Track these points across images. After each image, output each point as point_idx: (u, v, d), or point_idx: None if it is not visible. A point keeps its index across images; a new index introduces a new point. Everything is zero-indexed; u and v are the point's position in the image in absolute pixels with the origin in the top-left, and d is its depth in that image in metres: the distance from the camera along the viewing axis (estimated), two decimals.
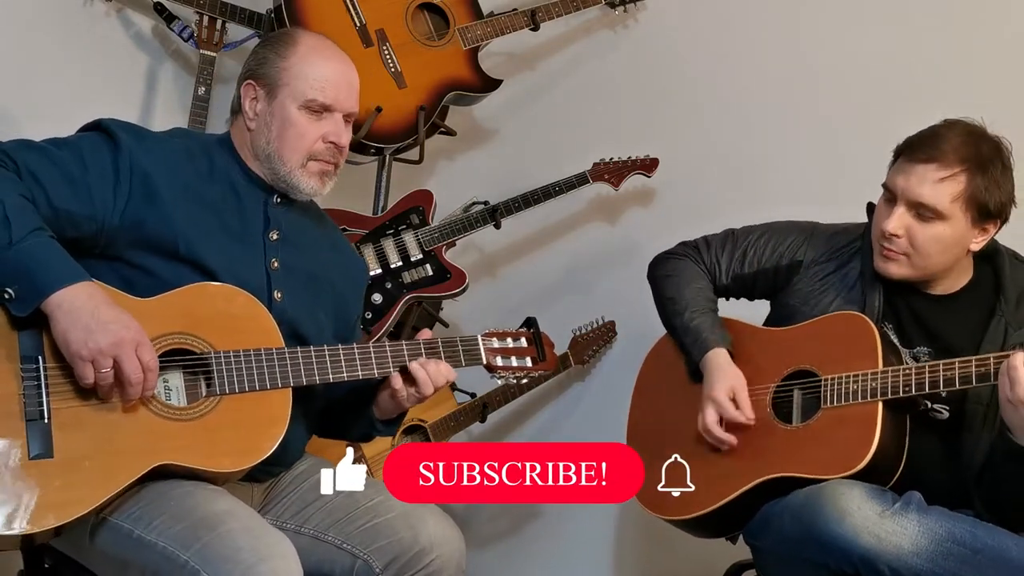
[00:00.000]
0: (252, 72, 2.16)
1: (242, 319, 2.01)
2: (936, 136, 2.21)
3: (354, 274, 2.35)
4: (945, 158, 2.17)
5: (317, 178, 2.15)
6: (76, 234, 1.95)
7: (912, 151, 2.21)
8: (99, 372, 1.82)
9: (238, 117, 2.18)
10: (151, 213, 1.99)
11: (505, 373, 2.24)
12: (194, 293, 1.99)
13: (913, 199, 2.19)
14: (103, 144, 2.00)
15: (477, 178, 3.42)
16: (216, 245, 2.05)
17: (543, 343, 2.28)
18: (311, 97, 2.12)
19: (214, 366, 1.95)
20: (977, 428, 2.22)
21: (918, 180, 2.18)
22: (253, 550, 1.80)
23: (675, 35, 3.34)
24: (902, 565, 2.01)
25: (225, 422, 1.94)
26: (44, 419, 1.83)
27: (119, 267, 1.99)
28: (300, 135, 2.12)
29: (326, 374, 2.04)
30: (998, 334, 2.24)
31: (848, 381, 2.20)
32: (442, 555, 2.03)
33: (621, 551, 3.37)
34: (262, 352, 1.99)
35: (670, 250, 2.58)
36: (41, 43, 2.82)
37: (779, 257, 2.43)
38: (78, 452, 1.83)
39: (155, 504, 1.88)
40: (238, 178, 2.14)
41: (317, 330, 2.17)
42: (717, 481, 2.30)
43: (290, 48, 2.15)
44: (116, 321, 1.84)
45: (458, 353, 2.18)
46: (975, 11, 2.94)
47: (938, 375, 2.12)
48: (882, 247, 2.25)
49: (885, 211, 2.25)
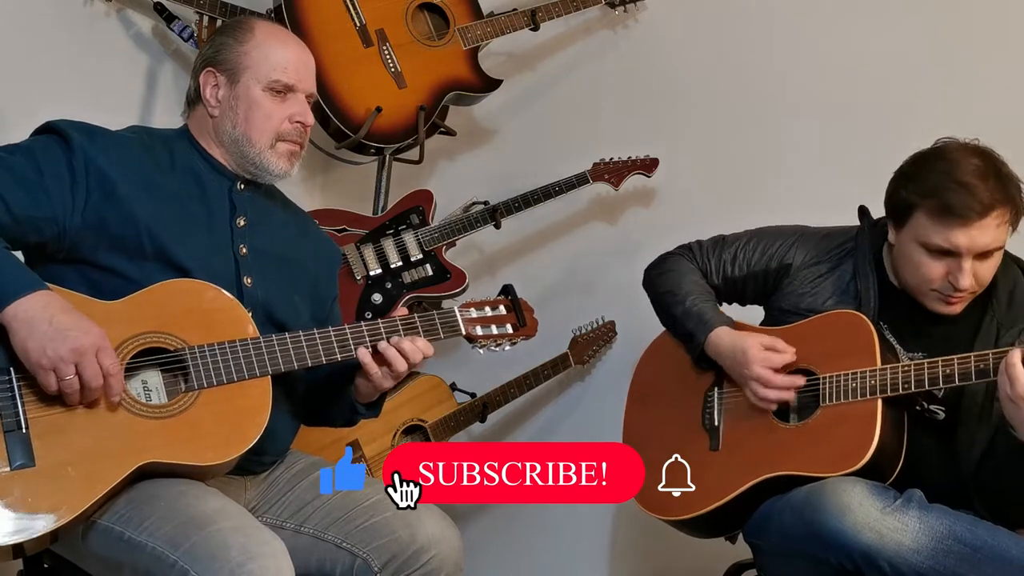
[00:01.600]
0: (210, 59, 2.17)
1: (213, 312, 2.00)
2: (967, 187, 2.13)
3: (326, 255, 2.35)
4: (993, 204, 2.13)
5: (286, 159, 2.16)
6: (39, 239, 1.95)
7: (958, 212, 2.13)
8: (62, 380, 1.81)
9: (196, 107, 2.18)
10: (112, 210, 1.98)
11: (486, 342, 2.23)
12: (162, 291, 1.98)
13: (982, 251, 2.16)
14: (55, 145, 1.99)
15: (477, 178, 3.42)
16: (181, 235, 2.04)
17: (522, 309, 2.28)
18: (275, 78, 2.13)
19: (189, 361, 1.95)
20: (972, 423, 2.22)
21: (980, 233, 2.14)
22: (243, 548, 1.79)
23: (675, 35, 3.35)
24: (902, 562, 2.01)
25: (206, 415, 1.94)
26: (22, 429, 1.81)
27: (86, 270, 1.98)
28: (267, 116, 2.13)
29: (303, 359, 2.04)
30: (990, 334, 2.24)
31: (847, 379, 2.21)
32: (440, 553, 2.03)
33: (620, 551, 3.37)
34: (237, 343, 1.98)
35: (663, 254, 2.59)
36: (41, 43, 2.82)
37: (768, 260, 2.43)
38: (60, 459, 1.82)
39: (145, 505, 1.88)
40: (200, 167, 2.14)
41: (293, 313, 2.17)
42: (716, 481, 2.30)
43: (247, 33, 2.17)
44: (75, 327, 1.82)
45: (436, 327, 2.16)
46: (975, 12, 2.94)
47: (937, 371, 2.13)
48: (950, 297, 2.21)
49: (936, 266, 2.19)
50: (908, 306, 2.29)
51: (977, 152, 2.19)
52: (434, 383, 3.12)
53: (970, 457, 2.23)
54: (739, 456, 2.31)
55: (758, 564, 2.34)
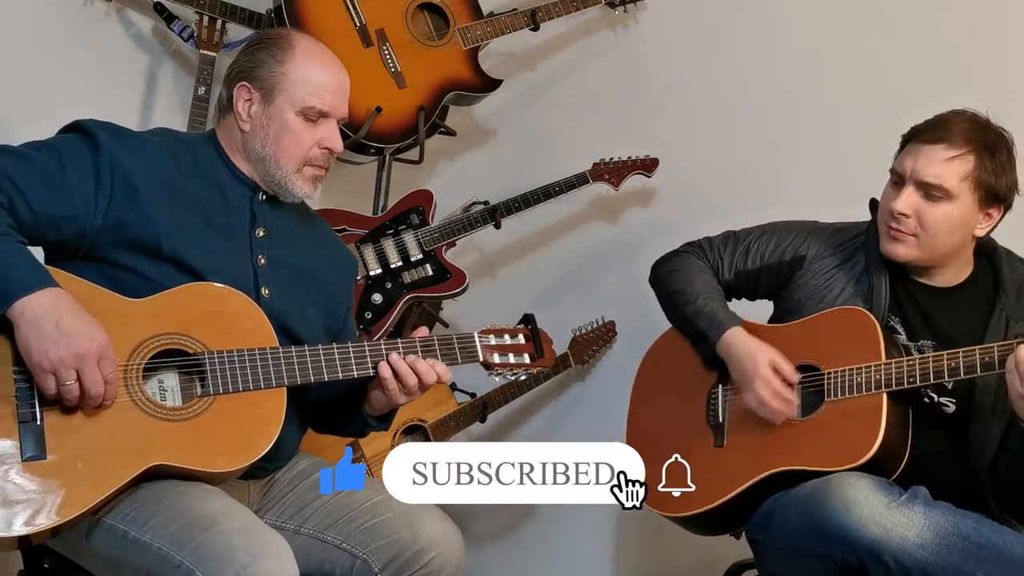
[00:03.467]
0: (246, 74, 2.14)
1: (236, 319, 2.01)
2: (943, 120, 2.25)
3: (343, 268, 2.35)
4: (954, 139, 2.20)
5: (310, 183, 2.17)
6: (58, 236, 1.95)
7: (920, 134, 2.25)
8: (63, 385, 1.81)
9: (227, 115, 2.17)
10: (133, 213, 1.98)
11: (503, 370, 2.23)
12: (187, 293, 1.98)
13: (922, 179, 2.21)
14: (82, 145, 1.99)
15: (477, 178, 3.42)
16: (200, 242, 2.04)
17: (541, 340, 2.27)
18: (311, 104, 2.12)
19: (207, 366, 1.95)
20: (987, 418, 2.23)
21: (927, 160, 2.21)
22: (247, 549, 1.80)
23: (675, 35, 3.34)
24: (907, 557, 2.01)
25: (219, 422, 1.94)
26: (36, 421, 1.82)
27: (105, 268, 1.98)
28: (298, 141, 2.12)
29: (320, 373, 2.04)
30: (1000, 326, 2.26)
31: (852, 374, 2.21)
32: (441, 554, 2.03)
33: (620, 551, 3.37)
34: (256, 352, 1.99)
35: (672, 250, 2.59)
36: (41, 43, 2.82)
37: (782, 252, 2.44)
38: (71, 454, 1.83)
39: (150, 505, 1.88)
40: (223, 175, 2.14)
41: (307, 326, 2.17)
42: (721, 477, 2.31)
43: (287, 53, 2.14)
44: (80, 332, 1.82)
45: (454, 350, 2.17)
46: (977, 11, 2.94)
47: (942, 365, 2.13)
48: (889, 228, 2.27)
49: (892, 194, 2.27)
50: (919, 298, 2.30)
51: (978, 114, 2.25)
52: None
53: (984, 452, 2.23)
54: (744, 452, 2.31)
55: (759, 562, 2.34)
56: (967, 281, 2.32)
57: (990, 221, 2.27)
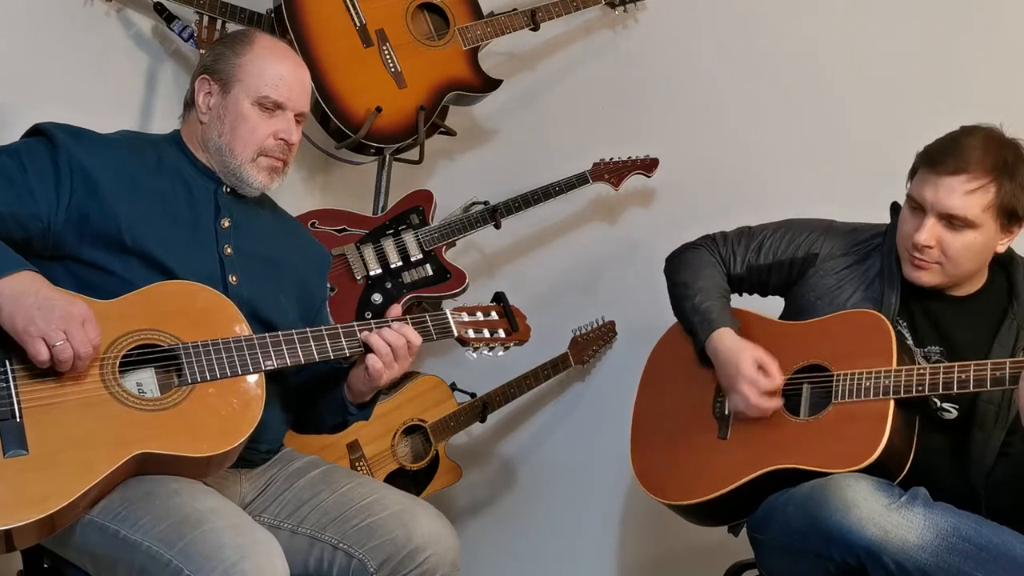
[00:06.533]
0: (207, 68, 2.20)
1: (207, 312, 2.02)
2: (959, 146, 2.20)
3: (315, 257, 2.37)
4: (973, 169, 2.17)
5: (266, 173, 2.19)
6: (25, 235, 1.98)
7: (937, 163, 2.21)
8: (53, 346, 1.83)
9: (191, 111, 2.22)
10: (94, 207, 2.02)
11: (480, 344, 2.26)
12: (156, 292, 2.00)
13: (944, 211, 2.19)
14: (40, 146, 2.04)
15: (477, 178, 3.42)
16: (164, 234, 2.07)
17: (514, 315, 2.30)
18: (264, 94, 2.16)
19: (183, 357, 1.96)
20: (989, 427, 2.23)
21: (947, 192, 2.18)
22: (237, 547, 1.80)
23: (675, 35, 3.34)
24: (907, 559, 2.00)
25: (200, 408, 1.95)
26: (16, 417, 1.83)
27: (71, 266, 2.01)
28: (252, 130, 2.16)
29: (296, 355, 2.05)
30: (1009, 336, 2.25)
31: (861, 378, 2.21)
32: (436, 553, 2.04)
33: (620, 551, 3.37)
34: (230, 340, 2.00)
35: (688, 242, 2.59)
36: (41, 43, 2.82)
37: (795, 249, 2.44)
38: (53, 447, 1.84)
39: (141, 503, 1.88)
40: (187, 169, 2.18)
41: (280, 312, 2.18)
42: (722, 469, 2.31)
43: (246, 46, 2.20)
44: (61, 299, 1.86)
45: (428, 328, 2.19)
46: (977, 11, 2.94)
47: (952, 377, 2.13)
48: (913, 257, 2.25)
49: (912, 221, 2.25)
50: (930, 305, 2.30)
51: (992, 130, 2.22)
52: (434, 383, 3.12)
53: (983, 461, 2.23)
54: (747, 446, 2.31)
55: (759, 560, 2.33)
56: (980, 290, 2.31)
57: (1011, 237, 2.26)
